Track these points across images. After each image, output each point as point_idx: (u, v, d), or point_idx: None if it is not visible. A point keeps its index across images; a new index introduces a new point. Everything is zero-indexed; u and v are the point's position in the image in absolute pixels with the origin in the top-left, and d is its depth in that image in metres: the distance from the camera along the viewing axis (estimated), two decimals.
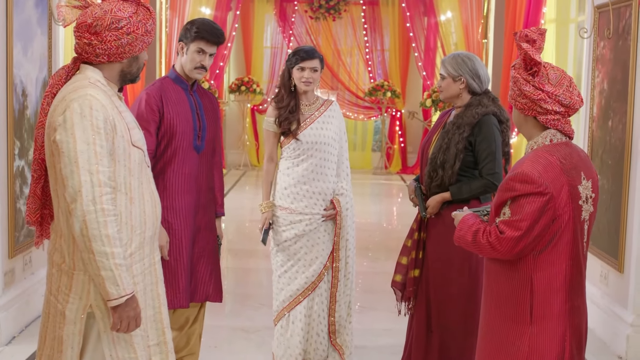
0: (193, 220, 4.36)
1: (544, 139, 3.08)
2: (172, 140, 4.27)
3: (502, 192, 3.01)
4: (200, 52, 4.31)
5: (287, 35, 16.27)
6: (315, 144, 4.76)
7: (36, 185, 3.14)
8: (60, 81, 3.08)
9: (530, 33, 3.10)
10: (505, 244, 2.95)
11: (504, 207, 3.00)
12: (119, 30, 3.03)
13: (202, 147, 4.37)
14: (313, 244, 4.80)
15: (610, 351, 5.59)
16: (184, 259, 4.30)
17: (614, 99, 5.82)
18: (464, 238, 3.14)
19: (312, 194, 4.78)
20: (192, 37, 4.30)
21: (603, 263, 5.90)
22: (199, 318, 4.57)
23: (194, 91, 4.43)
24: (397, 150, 16.32)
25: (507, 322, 3.06)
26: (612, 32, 5.85)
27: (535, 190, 2.91)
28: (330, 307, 4.85)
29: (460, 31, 14.20)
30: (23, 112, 5.53)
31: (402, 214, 11.76)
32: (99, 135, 2.91)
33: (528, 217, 2.91)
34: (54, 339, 3.06)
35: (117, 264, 2.90)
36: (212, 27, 4.35)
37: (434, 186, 4.42)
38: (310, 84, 4.77)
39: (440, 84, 4.51)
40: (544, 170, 2.94)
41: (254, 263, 8.13)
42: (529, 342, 3.01)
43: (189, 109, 4.34)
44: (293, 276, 4.81)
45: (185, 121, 4.30)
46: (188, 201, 4.33)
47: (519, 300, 3.02)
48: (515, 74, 3.10)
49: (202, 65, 4.32)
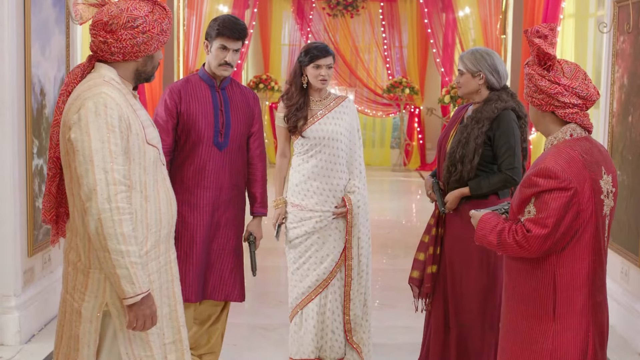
0: (210, 217, 4.36)
1: (564, 133, 3.05)
2: (189, 136, 4.29)
3: (525, 189, 2.98)
4: (223, 49, 4.31)
5: (305, 33, 16.25)
6: (322, 140, 4.73)
7: (51, 183, 3.14)
8: (76, 79, 3.08)
9: (541, 29, 3.08)
10: (533, 243, 2.92)
11: (529, 205, 2.97)
12: (134, 29, 3.02)
13: (225, 144, 4.36)
14: (324, 242, 4.78)
15: (632, 348, 5.54)
16: (195, 254, 4.30)
17: (634, 94, 5.76)
18: (486, 238, 3.10)
19: (323, 191, 4.76)
20: (214, 34, 4.31)
21: (623, 259, 5.85)
22: (221, 318, 4.57)
23: (223, 88, 4.42)
24: (416, 147, 16.28)
25: (530, 320, 3.03)
26: (632, 26, 5.79)
27: (560, 186, 2.89)
28: (345, 306, 4.83)
29: (478, 27, 14.14)
30: (41, 111, 5.56)
31: (420, 210, 11.71)
32: (113, 133, 2.91)
33: (554, 214, 2.89)
34: (70, 337, 3.07)
35: (133, 262, 2.90)
36: (233, 22, 4.34)
37: (453, 181, 4.39)
38: (326, 81, 4.75)
39: (459, 79, 4.48)
40: (567, 165, 2.92)
41: (272, 261, 8.11)
42: (553, 339, 2.99)
43: (211, 105, 4.35)
44: (304, 273, 4.80)
45: (204, 117, 4.31)
46: (206, 197, 4.33)
47: (542, 298, 3.00)
48: (529, 71, 3.07)
49: (226, 62, 4.32)
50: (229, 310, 4.64)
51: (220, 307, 4.54)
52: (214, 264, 4.42)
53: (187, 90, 4.35)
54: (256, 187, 4.59)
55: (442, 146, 4.55)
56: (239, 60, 14.70)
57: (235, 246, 4.51)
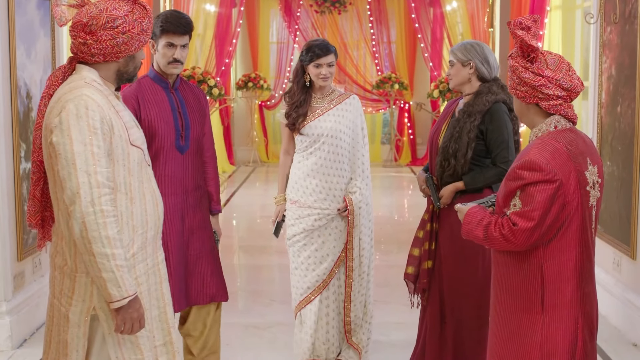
0: (181, 223, 4.26)
1: (548, 125, 3.05)
2: (152, 142, 4.11)
3: (510, 182, 2.98)
4: (170, 46, 4.17)
5: (293, 30, 16.22)
6: (321, 137, 4.70)
7: (35, 187, 3.11)
8: (57, 82, 3.05)
9: (524, 20, 3.08)
10: (519, 236, 2.92)
11: (514, 198, 2.96)
12: (114, 30, 2.98)
13: (186, 146, 4.24)
14: (324, 241, 4.76)
15: (625, 339, 5.53)
16: (171, 263, 4.14)
17: (622, 84, 5.76)
18: (472, 232, 3.09)
19: (322, 189, 4.73)
20: (159, 32, 4.16)
21: (615, 250, 5.85)
22: (215, 318, 4.52)
23: (176, 88, 4.30)
24: (407, 142, 16.28)
25: (519, 312, 3.03)
26: (619, 17, 5.79)
27: (545, 178, 2.88)
28: (345, 307, 4.80)
29: (466, 21, 14.14)
30: (28, 114, 5.52)
31: (413, 206, 11.71)
32: (95, 135, 2.87)
33: (540, 207, 2.88)
34: (58, 342, 3.04)
35: (119, 265, 2.87)
36: (177, 17, 4.20)
37: (447, 175, 4.37)
38: (328, 79, 4.71)
39: (450, 71, 4.47)
40: (552, 157, 2.91)
41: (266, 260, 8.11)
42: (542, 331, 2.99)
43: (169, 108, 4.21)
44: (303, 273, 4.78)
45: (165, 122, 4.17)
46: (173, 203, 4.20)
47: (530, 291, 3.00)
48: (513, 63, 3.07)
49: (175, 59, 4.18)
50: (221, 309, 4.60)
51: (212, 310, 4.48)
52: (194, 269, 4.33)
53: (143, 95, 4.18)
54: (211, 185, 4.49)
55: (433, 141, 4.53)
56: (228, 59, 14.75)
57: (211, 247, 4.43)
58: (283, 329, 5.75)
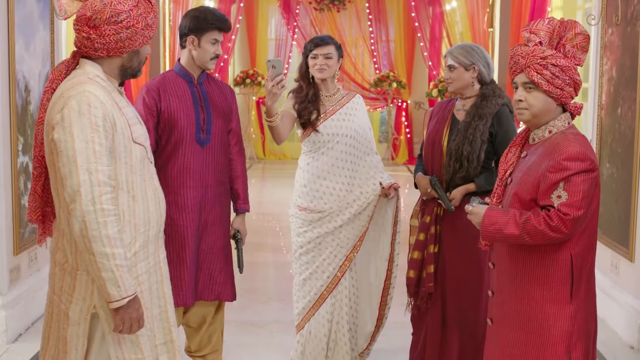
0: (198, 217, 4.25)
1: (563, 121, 3.12)
2: (172, 135, 4.18)
3: (553, 174, 2.98)
4: (215, 43, 4.24)
5: (292, 27, 16.21)
6: (336, 136, 4.63)
7: (36, 183, 3.07)
8: (60, 76, 3.01)
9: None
10: (570, 225, 2.94)
11: (557, 190, 2.97)
12: (118, 24, 2.94)
13: (207, 140, 4.25)
14: (338, 244, 4.66)
15: (623, 341, 5.53)
16: (187, 256, 4.20)
17: (622, 86, 5.75)
18: (502, 232, 3.04)
19: (333, 190, 4.64)
20: (206, 28, 4.20)
21: (613, 252, 5.84)
22: (218, 317, 4.49)
23: (200, 84, 4.32)
24: (404, 141, 16.27)
25: (546, 303, 3.04)
26: (621, 18, 5.77)
27: (588, 167, 2.96)
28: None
29: (465, 20, 14.12)
30: (26, 107, 5.50)
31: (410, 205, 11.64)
32: (97, 133, 2.84)
33: (586, 195, 2.96)
34: (58, 339, 3.01)
35: (118, 264, 2.84)
36: (221, 15, 4.28)
37: (459, 178, 4.31)
38: (324, 71, 4.62)
39: (450, 75, 4.39)
40: (589, 148, 3.02)
41: (262, 257, 8.09)
42: (572, 321, 3.02)
43: (190, 101, 4.24)
44: (312, 284, 4.69)
45: (185, 114, 4.20)
46: (192, 197, 4.22)
47: (559, 280, 3.02)
48: (566, 63, 3.06)
49: (216, 55, 4.26)
50: (224, 308, 4.57)
51: (214, 307, 4.46)
52: (203, 264, 4.31)
53: (165, 88, 4.23)
54: (238, 183, 4.47)
55: (435, 142, 4.47)
56: (226, 55, 14.73)
57: (224, 245, 4.40)
58: (279, 327, 5.73)
